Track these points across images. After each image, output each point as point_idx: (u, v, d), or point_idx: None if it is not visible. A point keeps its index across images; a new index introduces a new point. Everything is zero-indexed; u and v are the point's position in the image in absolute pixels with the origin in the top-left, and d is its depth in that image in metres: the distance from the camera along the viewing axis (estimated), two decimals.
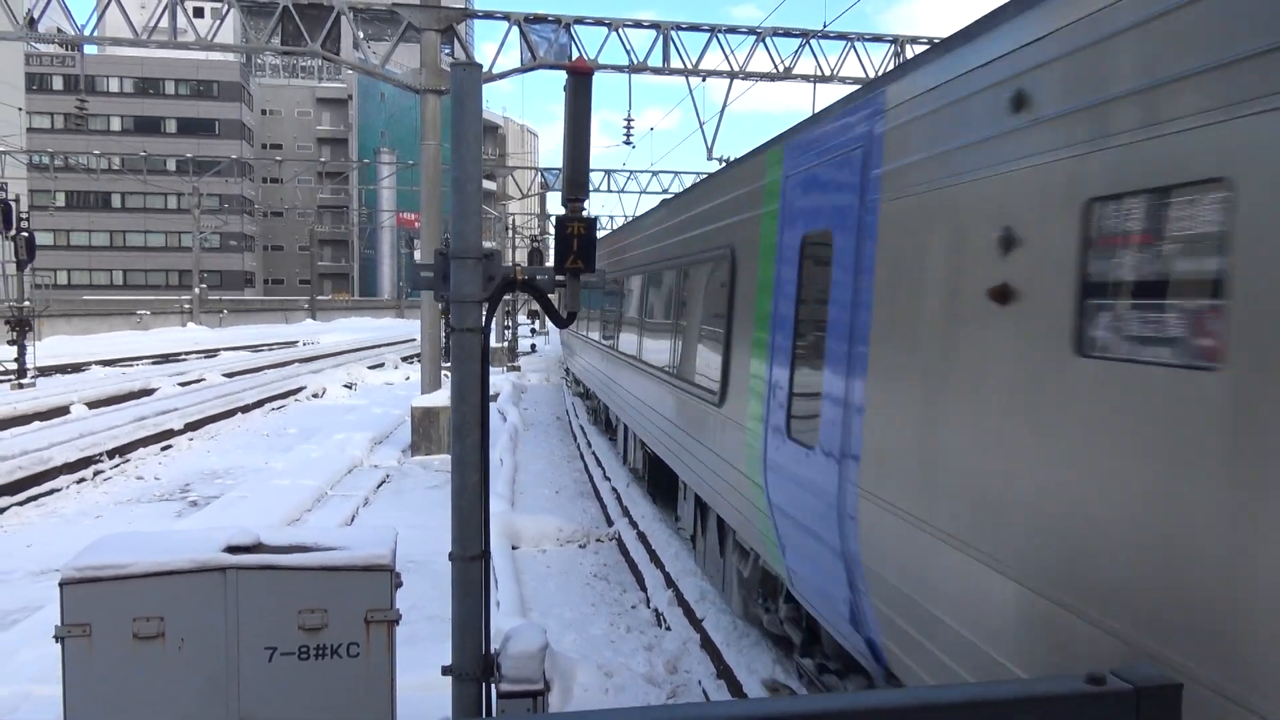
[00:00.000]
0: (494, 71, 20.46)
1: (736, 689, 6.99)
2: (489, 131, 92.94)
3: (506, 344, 39.78)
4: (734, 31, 22.69)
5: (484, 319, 4.08)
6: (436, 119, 18.07)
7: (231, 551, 4.59)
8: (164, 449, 18.28)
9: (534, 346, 53.18)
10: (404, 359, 41.36)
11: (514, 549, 11.28)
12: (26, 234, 25.38)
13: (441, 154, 18.40)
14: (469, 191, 3.92)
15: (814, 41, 22.71)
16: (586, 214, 4.25)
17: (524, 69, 20.69)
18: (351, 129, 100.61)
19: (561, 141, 4.22)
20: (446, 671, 4.19)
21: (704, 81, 23.15)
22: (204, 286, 64.28)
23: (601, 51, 21.76)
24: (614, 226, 49.92)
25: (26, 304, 25.62)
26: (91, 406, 21.63)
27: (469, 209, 3.94)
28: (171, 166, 70.07)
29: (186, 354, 40.33)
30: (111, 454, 16.63)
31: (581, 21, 21.27)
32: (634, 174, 48.62)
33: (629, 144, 26.94)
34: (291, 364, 36.93)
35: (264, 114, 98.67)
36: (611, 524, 12.51)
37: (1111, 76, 2.69)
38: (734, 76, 22.88)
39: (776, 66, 22.86)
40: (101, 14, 20.81)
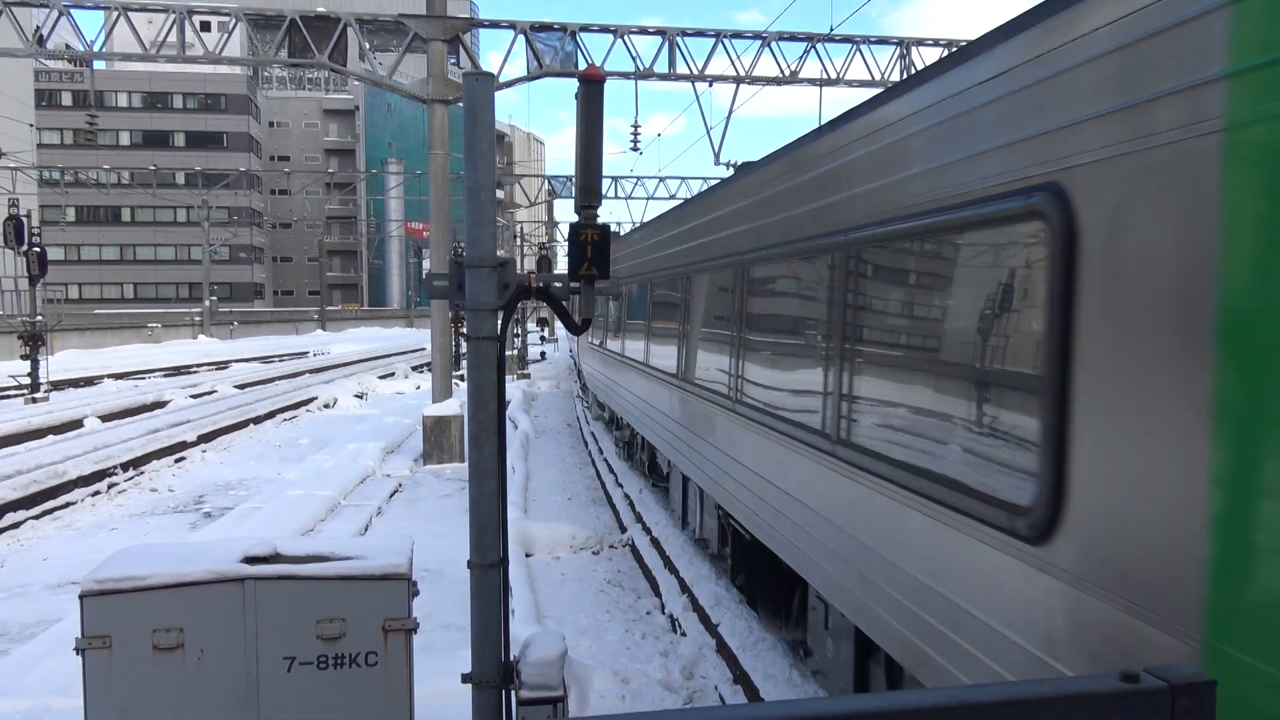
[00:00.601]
0: (501, 80, 20.51)
1: (753, 694, 6.97)
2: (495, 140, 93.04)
3: (516, 351, 39.82)
4: (739, 36, 22.71)
5: (499, 327, 4.09)
6: (444, 129, 18.13)
7: (249, 562, 4.59)
8: (177, 461, 18.34)
9: (543, 354, 53.33)
10: (414, 368, 41.44)
11: (528, 556, 11.29)
12: (38, 249, 25.55)
13: (450, 163, 18.46)
14: (483, 200, 3.93)
15: (820, 45, 22.72)
16: (600, 220, 4.26)
17: (531, 77, 20.75)
18: (359, 140, 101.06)
19: (570, 148, 4.23)
20: (466, 679, 4.19)
21: (710, 87, 23.16)
22: (214, 299, 64.56)
23: (608, 58, 21.81)
24: (621, 232, 49.79)
25: (39, 319, 25.76)
26: (105, 419, 21.73)
27: (483, 218, 3.95)
28: (180, 180, 70.37)
29: (198, 366, 40.50)
30: (125, 466, 16.70)
31: (587, 29, 21.32)
32: (641, 180, 48.70)
33: (636, 150, 26.98)
34: (302, 374, 37.04)
35: (271, 126, 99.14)
36: (624, 530, 12.51)
37: None
38: (740, 81, 22.89)
39: (783, 71, 22.87)
40: (110, 31, 20.94)
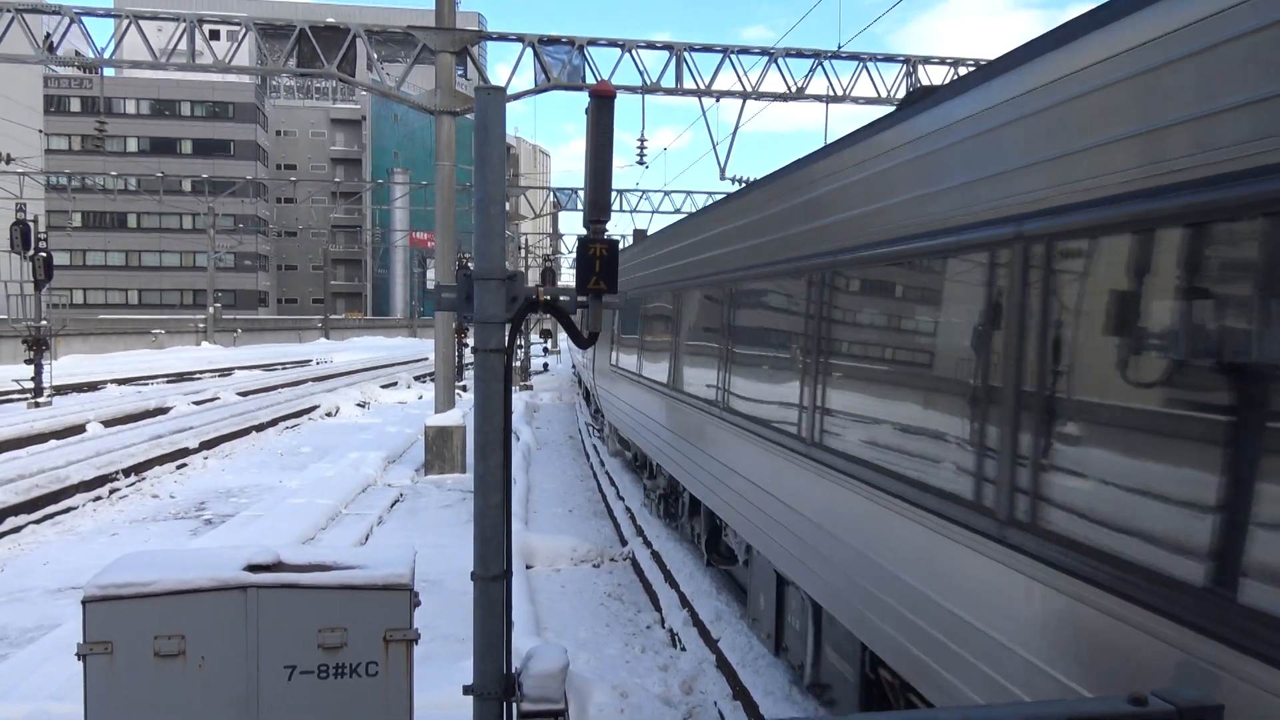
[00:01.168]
0: (509, 93, 20.59)
1: (753, 710, 6.94)
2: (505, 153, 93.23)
3: (519, 363, 39.85)
4: (746, 52, 22.80)
5: (507, 339, 4.10)
6: (451, 140, 18.21)
7: (252, 570, 4.59)
8: (179, 467, 18.35)
9: (546, 365, 53.41)
10: (417, 378, 41.46)
11: (528, 568, 11.27)
12: (44, 254, 25.62)
13: (456, 174, 18.53)
14: (493, 213, 3.94)
15: (827, 62, 22.80)
16: (609, 235, 4.27)
17: (538, 90, 20.83)
18: (365, 149, 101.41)
19: (576, 160, 4.26)
20: (468, 690, 4.18)
21: (717, 102, 23.25)
22: (218, 306, 64.67)
23: (615, 72, 21.89)
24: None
25: (43, 323, 25.81)
26: (107, 425, 21.75)
27: (493, 230, 3.97)
28: (187, 187, 70.78)
29: (201, 373, 40.56)
30: (127, 472, 16.70)
31: (595, 43, 21.42)
32: (646, 194, 48.81)
33: (642, 164, 27.06)
34: (305, 383, 37.07)
35: (278, 135, 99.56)
36: (625, 544, 12.49)
37: None
38: (747, 97, 22.97)
39: (789, 86, 22.95)
40: (120, 38, 21.06)
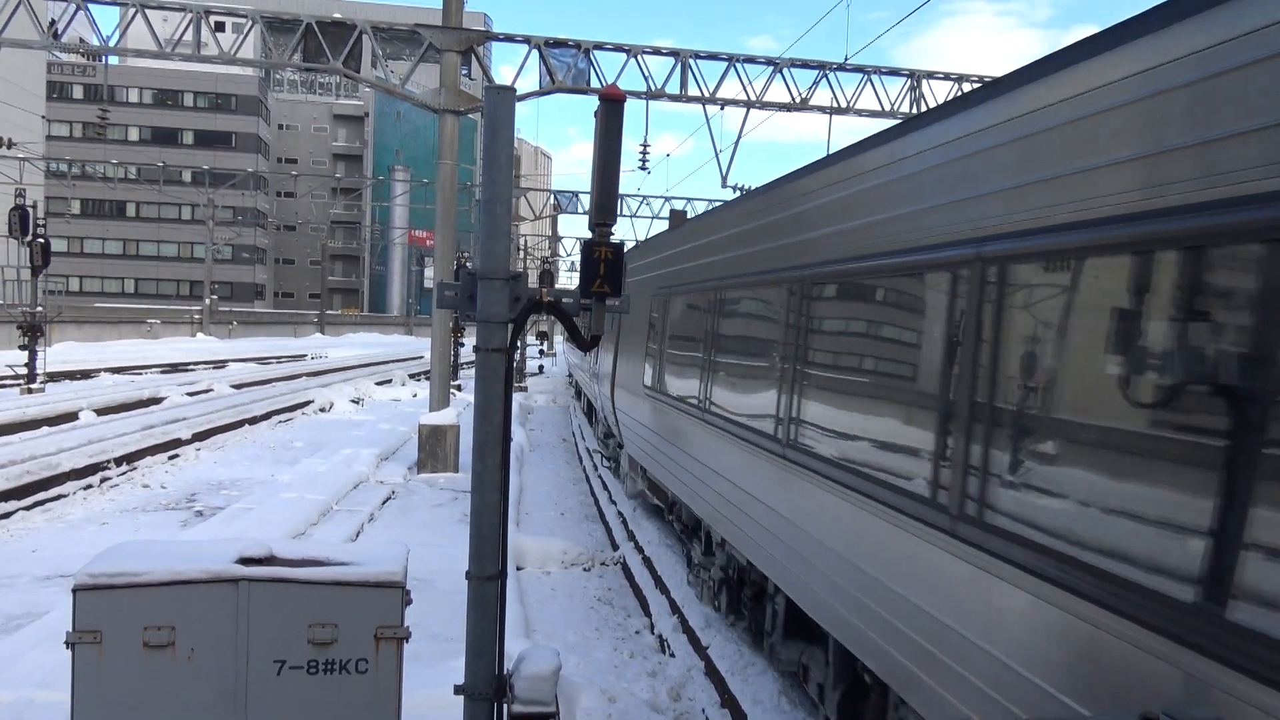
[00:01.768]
0: None
1: (741, 719, 6.94)
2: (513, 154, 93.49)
3: (515, 364, 39.80)
4: (752, 61, 22.86)
5: (509, 339, 4.10)
6: (454, 139, 18.21)
7: (244, 563, 4.57)
8: (171, 458, 18.29)
9: (541, 368, 53.36)
10: (412, 376, 41.40)
11: (519, 570, 11.26)
12: (42, 240, 25.54)
13: (458, 173, 18.53)
14: (499, 213, 3.95)
15: (831, 73, 22.87)
16: (614, 239, 4.28)
17: (544, 92, 20.86)
18: (367, 146, 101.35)
19: (579, 164, 4.27)
20: (460, 690, 4.17)
21: (721, 110, 23.30)
22: (214, 297, 64.57)
23: (620, 77, 21.93)
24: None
25: (39, 309, 25.74)
26: (100, 413, 21.68)
27: (498, 230, 3.97)
28: (187, 178, 70.71)
29: (195, 364, 40.46)
30: (119, 461, 16.64)
31: (601, 47, 21.45)
32: (647, 199, 48.90)
33: (644, 169, 27.13)
34: (299, 377, 37.01)
35: (280, 128, 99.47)
36: (616, 548, 12.48)
37: None
38: (751, 106, 23.01)
39: (794, 97, 23.01)
40: (126, 27, 21.04)
